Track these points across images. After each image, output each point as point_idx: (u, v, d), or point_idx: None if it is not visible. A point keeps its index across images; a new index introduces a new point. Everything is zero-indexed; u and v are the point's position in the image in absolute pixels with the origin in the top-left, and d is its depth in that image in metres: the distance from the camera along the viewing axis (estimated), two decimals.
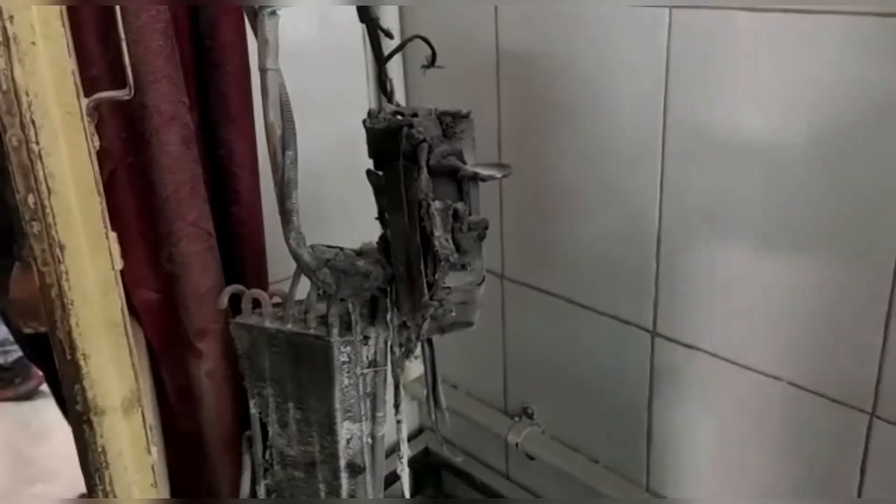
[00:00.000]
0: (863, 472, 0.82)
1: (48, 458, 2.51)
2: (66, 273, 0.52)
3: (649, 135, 0.90)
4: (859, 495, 0.83)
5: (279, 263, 0.98)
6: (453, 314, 0.68)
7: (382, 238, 0.85)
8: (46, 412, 2.73)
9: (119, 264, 0.57)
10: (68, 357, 0.54)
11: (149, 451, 0.61)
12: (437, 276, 0.66)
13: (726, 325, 0.90)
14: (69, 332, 0.53)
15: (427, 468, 1.36)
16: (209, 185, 0.89)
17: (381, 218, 0.87)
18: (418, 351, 1.27)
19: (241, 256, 0.95)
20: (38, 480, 2.37)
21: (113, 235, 0.56)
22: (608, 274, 1.01)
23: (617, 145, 0.95)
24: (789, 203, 0.81)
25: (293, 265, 0.79)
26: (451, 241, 0.66)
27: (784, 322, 0.85)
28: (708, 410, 0.95)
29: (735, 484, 0.95)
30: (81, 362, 0.54)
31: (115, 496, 0.58)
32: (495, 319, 1.20)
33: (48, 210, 0.50)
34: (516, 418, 1.22)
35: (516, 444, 1.19)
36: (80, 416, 0.56)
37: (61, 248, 0.51)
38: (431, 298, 0.67)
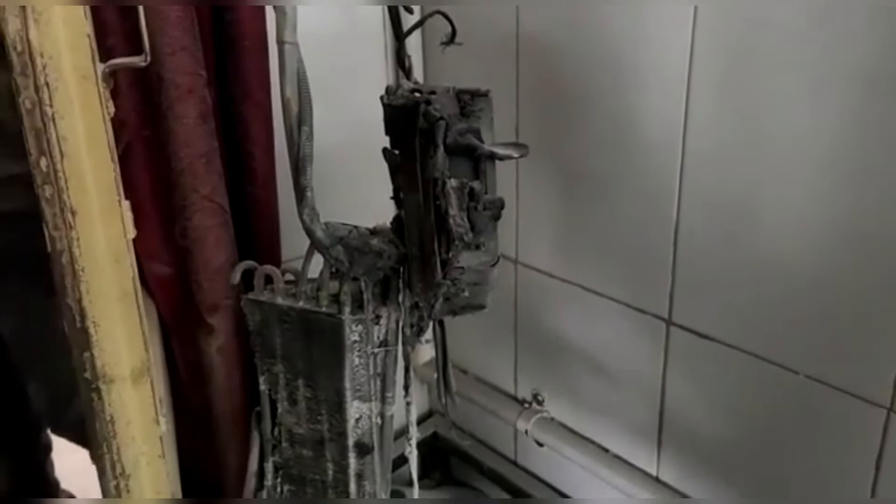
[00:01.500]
0: (878, 467, 0.81)
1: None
2: (78, 239, 0.52)
3: (670, 122, 0.89)
4: (874, 490, 0.82)
5: (292, 242, 0.97)
6: (466, 294, 0.68)
7: (396, 218, 0.84)
8: None
9: (132, 233, 0.57)
10: (78, 324, 0.54)
11: (157, 423, 0.60)
12: (450, 255, 0.65)
13: (743, 316, 0.89)
14: (79, 300, 0.53)
15: (435, 452, 1.36)
16: (224, 161, 0.89)
17: (395, 197, 0.86)
18: (429, 334, 1.27)
19: (254, 233, 0.94)
20: None
21: (126, 204, 0.56)
22: (624, 262, 1.00)
23: (636, 132, 0.93)
24: (808, 194, 0.80)
25: (306, 244, 0.79)
26: (466, 219, 0.65)
27: (803, 314, 0.83)
28: (721, 401, 0.94)
29: (747, 476, 0.94)
30: (91, 330, 0.54)
31: (122, 466, 0.58)
32: (507, 305, 1.19)
33: (60, 174, 0.50)
34: (526, 405, 1.21)
35: (525, 431, 1.18)
36: (88, 384, 0.55)
37: (73, 213, 0.51)
38: (445, 277, 0.66)
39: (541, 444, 1.19)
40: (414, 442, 0.93)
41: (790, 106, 0.78)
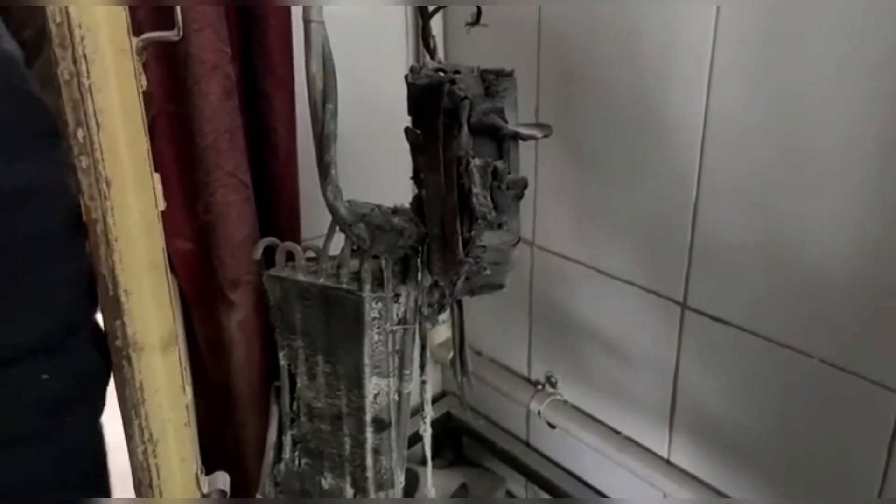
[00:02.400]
0: (890, 453, 0.81)
1: None
2: (112, 209, 0.53)
3: (691, 106, 0.89)
4: (885, 475, 0.82)
5: (312, 222, 0.99)
6: (488, 272, 0.69)
7: (416, 198, 0.85)
8: None
9: (162, 205, 0.58)
10: (111, 293, 0.55)
11: (184, 391, 0.62)
12: (473, 234, 0.66)
13: (758, 301, 0.90)
14: (112, 269, 0.54)
15: (448, 432, 1.37)
16: (247, 138, 0.90)
17: (415, 178, 0.87)
18: (445, 315, 1.28)
19: (275, 211, 0.95)
20: None
21: (157, 176, 0.57)
22: (641, 245, 1.01)
23: (657, 115, 0.94)
24: (830, 180, 0.80)
25: (325, 224, 0.80)
26: (489, 198, 0.66)
27: (819, 299, 0.84)
28: (734, 385, 0.95)
29: (758, 459, 0.95)
30: (123, 298, 0.55)
31: (150, 432, 0.59)
32: (523, 287, 1.20)
33: (96, 145, 0.51)
34: (539, 387, 1.22)
35: (538, 412, 1.19)
36: (119, 351, 0.57)
37: (108, 183, 0.52)
38: (467, 256, 0.67)
39: (553, 426, 1.20)
40: (429, 420, 0.95)
41: (815, 90, 0.78)
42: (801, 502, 0.91)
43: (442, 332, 1.34)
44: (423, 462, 0.96)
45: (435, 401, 1.37)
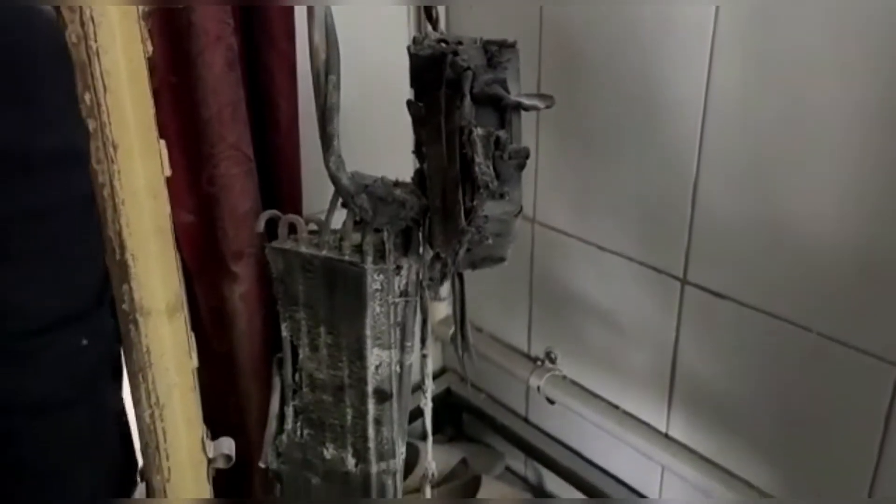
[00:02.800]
0: (887, 425, 0.82)
1: None
2: (119, 172, 0.53)
3: (692, 81, 0.89)
4: (881, 448, 0.83)
5: (313, 197, 0.99)
6: (489, 242, 0.69)
7: (418, 172, 0.85)
8: None
9: (168, 171, 0.58)
10: (117, 257, 0.55)
11: (190, 356, 0.62)
12: (475, 204, 0.67)
13: (758, 275, 0.90)
14: (119, 232, 0.54)
15: (448, 408, 1.39)
16: (248, 112, 0.90)
17: (417, 151, 0.87)
18: (446, 292, 1.29)
19: (277, 185, 0.96)
20: None
21: (162, 142, 0.57)
22: (641, 221, 1.01)
23: (658, 90, 0.94)
24: (831, 153, 0.80)
25: (327, 199, 0.80)
26: (491, 168, 0.66)
27: (818, 273, 0.85)
28: (733, 358, 0.96)
29: (755, 432, 0.96)
30: (130, 262, 0.55)
31: (156, 395, 0.60)
32: (524, 264, 1.20)
33: (104, 108, 0.51)
34: (539, 362, 1.23)
35: (537, 388, 1.20)
36: (126, 315, 0.57)
37: (114, 147, 0.52)
38: (469, 225, 0.67)
39: (552, 402, 1.21)
40: (429, 394, 0.96)
41: (816, 64, 0.79)
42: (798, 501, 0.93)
43: (442, 309, 1.35)
44: (424, 437, 0.97)
45: (435, 377, 1.38)
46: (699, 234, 0.95)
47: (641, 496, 1.12)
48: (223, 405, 0.98)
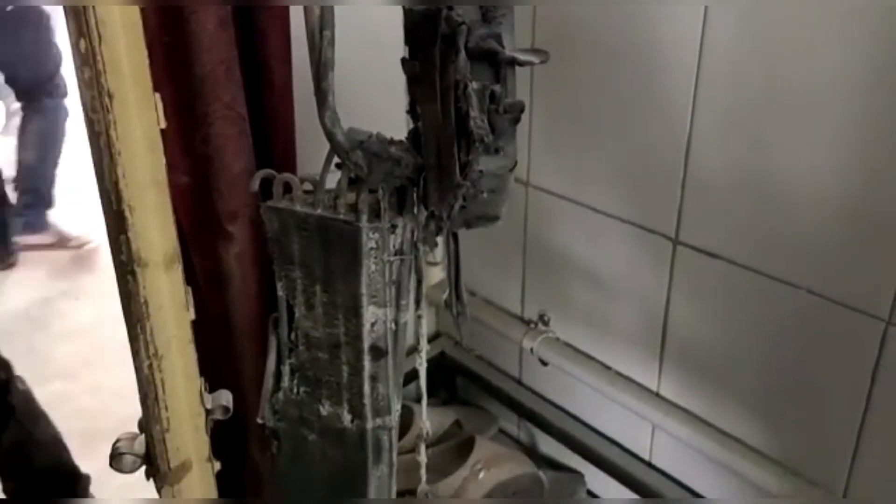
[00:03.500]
0: (873, 378, 0.84)
1: (67, 357, 2.59)
2: (115, 122, 0.53)
3: (686, 42, 0.89)
4: (868, 400, 0.85)
5: (307, 160, 0.99)
6: (485, 196, 0.70)
7: (412, 132, 0.85)
8: (67, 315, 2.81)
9: (163, 123, 0.58)
10: (114, 207, 0.56)
11: (187, 309, 0.63)
12: (470, 158, 0.67)
13: (749, 234, 0.91)
14: (116, 183, 0.55)
15: (442, 372, 1.40)
16: (242, 72, 0.89)
17: (411, 111, 0.87)
18: (440, 256, 1.29)
19: (270, 145, 0.96)
20: (56, 378, 2.46)
21: (157, 95, 0.57)
22: (634, 182, 1.02)
23: (651, 52, 0.94)
24: (822, 113, 0.81)
25: (321, 161, 0.80)
26: (486, 122, 0.66)
27: (808, 231, 0.86)
28: (723, 317, 0.97)
29: (744, 388, 0.98)
30: (127, 213, 0.56)
31: (155, 347, 0.61)
32: (517, 227, 1.21)
33: (99, 57, 0.51)
34: (532, 325, 1.24)
35: (531, 350, 1.22)
36: (124, 266, 0.58)
37: (110, 96, 0.52)
38: (464, 179, 0.68)
39: (545, 363, 1.22)
40: (424, 355, 0.97)
41: (809, 27, 0.79)
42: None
43: (436, 274, 1.36)
44: (418, 399, 0.98)
45: (429, 341, 1.39)
46: (691, 195, 0.96)
47: (632, 454, 1.14)
48: (218, 365, 0.99)
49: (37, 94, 2.84)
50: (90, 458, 2.06)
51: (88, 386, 2.39)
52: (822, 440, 0.92)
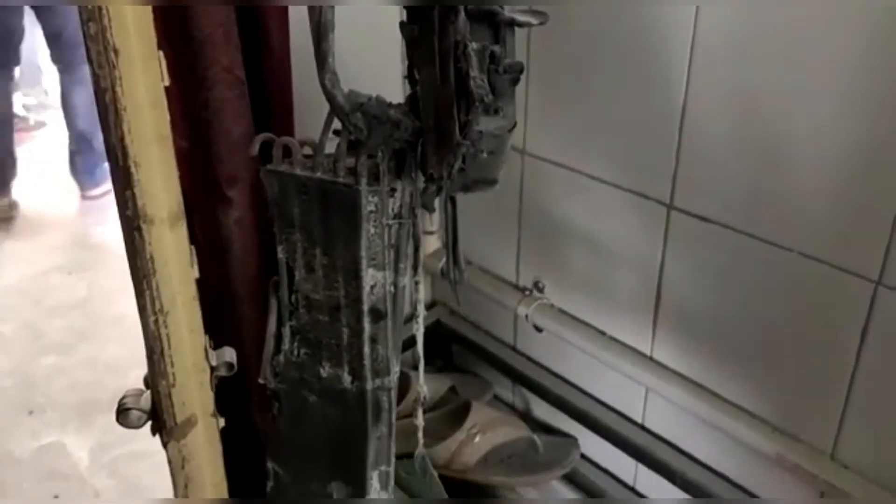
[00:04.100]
0: (863, 338, 0.86)
1: (61, 332, 2.60)
2: (121, 78, 0.54)
3: (682, 9, 0.90)
4: (857, 359, 0.87)
5: (305, 125, 0.99)
6: (484, 156, 0.70)
7: (410, 97, 0.86)
8: (59, 290, 2.81)
9: (166, 80, 0.59)
10: (120, 163, 0.56)
11: (191, 266, 0.64)
12: (470, 117, 0.68)
13: (743, 199, 0.93)
14: (122, 138, 0.55)
15: (438, 340, 1.41)
16: (240, 37, 0.90)
17: (409, 76, 0.87)
18: (436, 225, 1.30)
19: (269, 109, 0.96)
20: (51, 353, 2.47)
21: (161, 53, 0.58)
22: (630, 149, 1.03)
23: (648, 18, 0.94)
24: (814, 79, 0.82)
25: (318, 127, 0.81)
26: (486, 82, 0.67)
27: (801, 195, 0.87)
28: (717, 281, 0.99)
29: (737, 351, 1.00)
30: (133, 169, 0.57)
31: (161, 303, 0.62)
32: (513, 196, 1.22)
33: (104, 12, 0.52)
34: (527, 292, 1.26)
35: (525, 316, 1.23)
36: (130, 221, 0.58)
37: (115, 52, 0.53)
38: (464, 139, 0.69)
39: (540, 330, 1.24)
40: (422, 319, 0.98)
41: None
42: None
43: (432, 242, 1.37)
44: (415, 367, 1.00)
45: (426, 310, 1.41)
46: (686, 160, 0.97)
47: (626, 418, 1.16)
48: (219, 329, 1.00)
49: (77, 61, 2.85)
50: (86, 431, 2.08)
51: (83, 360, 2.40)
52: (812, 399, 0.94)
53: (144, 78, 0.56)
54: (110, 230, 3.05)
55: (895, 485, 0.89)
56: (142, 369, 0.69)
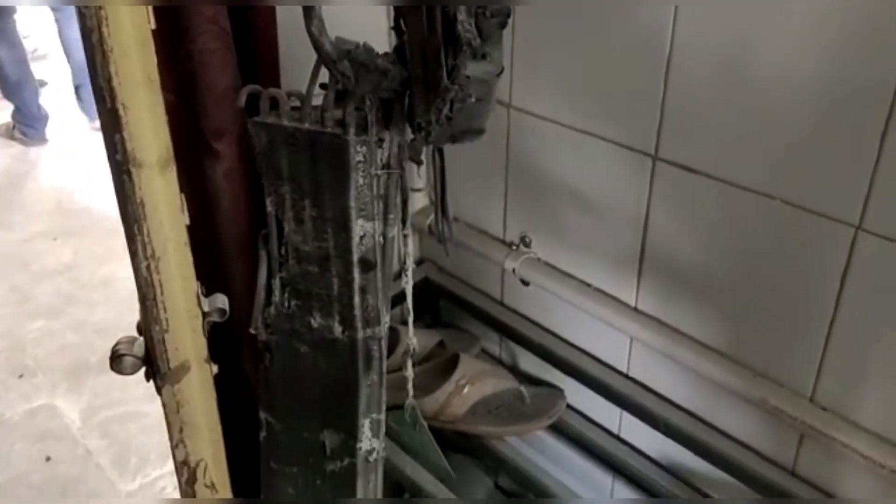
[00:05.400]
0: (843, 282, 0.88)
1: (48, 296, 2.59)
2: (107, 19, 0.53)
3: None
4: (837, 304, 0.89)
5: (290, 79, 0.99)
6: (472, 100, 0.71)
7: (397, 48, 0.86)
8: (45, 255, 2.80)
9: (153, 24, 0.59)
10: (108, 105, 0.56)
11: (182, 212, 0.64)
12: (458, 61, 0.68)
13: (726, 148, 0.94)
14: (109, 80, 0.55)
15: (426, 296, 1.43)
16: None
17: (395, 27, 0.87)
18: (422, 183, 1.30)
19: (255, 62, 0.96)
20: (39, 317, 2.47)
21: None
22: (615, 100, 1.03)
23: None
24: (798, 30, 0.83)
25: (304, 81, 0.81)
26: (474, 26, 0.67)
27: (783, 143, 0.88)
28: (700, 230, 1.00)
29: (720, 297, 1.02)
30: (121, 112, 0.57)
31: (152, 248, 0.62)
32: (499, 150, 1.22)
33: None
34: (514, 247, 1.27)
35: (512, 270, 1.24)
36: (120, 166, 0.59)
37: None
38: (452, 84, 0.69)
39: (526, 283, 1.25)
40: (410, 273, 0.99)
41: None
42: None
43: (420, 200, 1.38)
44: (404, 322, 1.01)
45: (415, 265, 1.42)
46: (671, 112, 0.98)
47: (611, 368, 1.19)
48: (209, 282, 1.01)
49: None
50: (76, 393, 2.09)
51: (71, 323, 2.41)
52: (793, 345, 0.96)
53: (131, 19, 0.56)
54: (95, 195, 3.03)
55: (871, 424, 0.92)
56: (131, 332, 0.69)
